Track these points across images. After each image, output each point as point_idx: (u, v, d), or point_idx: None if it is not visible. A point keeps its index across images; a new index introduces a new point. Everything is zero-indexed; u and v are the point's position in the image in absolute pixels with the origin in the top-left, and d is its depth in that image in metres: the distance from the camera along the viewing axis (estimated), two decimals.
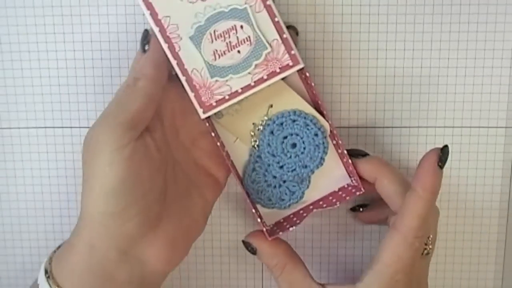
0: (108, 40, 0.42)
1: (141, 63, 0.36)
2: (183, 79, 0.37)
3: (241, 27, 0.37)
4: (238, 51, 0.37)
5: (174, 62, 0.37)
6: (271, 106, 0.40)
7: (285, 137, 0.40)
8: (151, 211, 0.36)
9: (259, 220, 0.39)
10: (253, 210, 0.39)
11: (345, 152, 0.39)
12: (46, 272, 0.36)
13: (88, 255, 0.35)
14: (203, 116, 0.38)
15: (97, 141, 0.34)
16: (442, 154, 0.37)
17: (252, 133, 0.40)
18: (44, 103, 0.43)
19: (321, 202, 0.41)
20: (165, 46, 0.37)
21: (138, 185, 0.35)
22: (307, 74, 0.38)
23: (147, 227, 0.36)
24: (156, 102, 0.36)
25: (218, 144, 0.38)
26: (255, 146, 0.40)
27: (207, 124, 0.38)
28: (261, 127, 0.40)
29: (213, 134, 0.38)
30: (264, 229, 0.39)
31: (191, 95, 0.37)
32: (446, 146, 0.37)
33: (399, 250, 0.36)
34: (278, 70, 0.37)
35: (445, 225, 0.45)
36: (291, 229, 0.39)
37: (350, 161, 0.39)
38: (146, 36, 0.37)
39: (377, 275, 0.36)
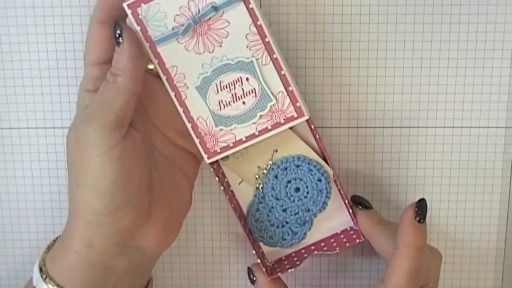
0: None
1: (116, 57, 0.35)
2: (188, 125, 0.38)
3: (247, 79, 0.37)
4: (243, 102, 0.37)
5: (180, 109, 0.38)
6: (276, 151, 0.40)
7: (289, 182, 0.40)
8: (143, 203, 0.36)
9: (259, 261, 0.39)
10: (254, 251, 0.40)
11: (347, 201, 0.40)
12: (41, 272, 0.36)
13: (86, 253, 0.35)
14: (208, 161, 0.38)
15: (84, 144, 0.34)
16: (419, 208, 0.36)
17: (257, 176, 0.41)
18: (44, 103, 0.43)
19: (322, 244, 0.41)
20: (172, 94, 0.37)
21: (129, 183, 0.35)
22: (313, 126, 0.38)
23: (141, 219, 0.36)
24: (137, 95, 0.35)
25: (222, 188, 0.39)
26: (260, 188, 0.41)
27: (212, 169, 0.39)
28: (265, 171, 0.41)
29: (217, 179, 0.39)
30: (264, 269, 0.40)
31: (197, 141, 0.38)
32: (422, 200, 0.36)
33: None
34: (282, 121, 0.37)
35: (445, 225, 0.45)
36: (290, 270, 0.40)
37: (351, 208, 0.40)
38: (118, 29, 0.35)
39: None
